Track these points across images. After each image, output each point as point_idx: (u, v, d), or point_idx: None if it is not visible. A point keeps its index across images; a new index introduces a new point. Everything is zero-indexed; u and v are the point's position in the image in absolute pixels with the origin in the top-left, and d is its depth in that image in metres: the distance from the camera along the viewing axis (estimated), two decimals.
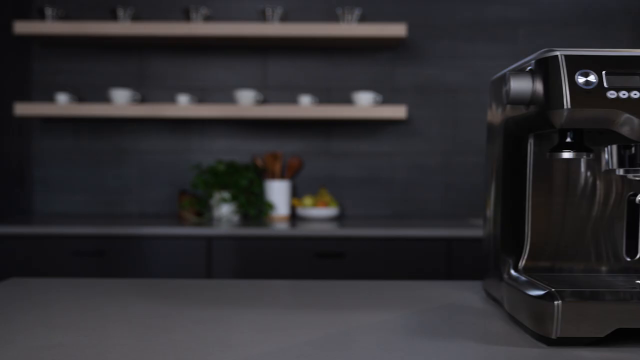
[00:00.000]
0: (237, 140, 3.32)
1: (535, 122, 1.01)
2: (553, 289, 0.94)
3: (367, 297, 1.28)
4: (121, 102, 3.06)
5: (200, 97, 3.28)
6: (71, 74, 3.27)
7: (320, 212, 3.13)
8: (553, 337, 0.93)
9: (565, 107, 0.94)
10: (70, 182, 3.29)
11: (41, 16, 3.05)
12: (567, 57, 0.97)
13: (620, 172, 1.03)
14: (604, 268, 1.11)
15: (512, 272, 1.10)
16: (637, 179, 1.04)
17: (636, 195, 1.08)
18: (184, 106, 3.05)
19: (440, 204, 3.32)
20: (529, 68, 1.01)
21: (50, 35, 3.04)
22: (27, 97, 3.25)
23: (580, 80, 0.95)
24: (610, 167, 1.04)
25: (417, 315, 1.13)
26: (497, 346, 0.94)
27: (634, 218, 1.11)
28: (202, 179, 3.05)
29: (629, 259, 1.11)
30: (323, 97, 3.29)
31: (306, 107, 3.05)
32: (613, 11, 3.29)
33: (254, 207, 3.10)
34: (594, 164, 1.12)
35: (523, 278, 1.05)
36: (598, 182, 1.12)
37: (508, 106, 1.12)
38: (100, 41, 3.18)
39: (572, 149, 1.00)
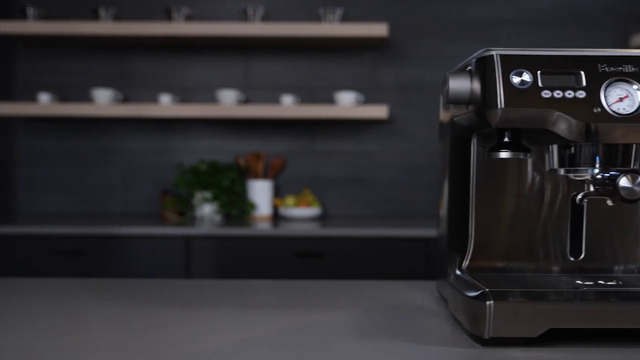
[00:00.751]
0: (220, 140, 3.32)
1: (475, 121, 1.01)
2: (487, 290, 0.94)
3: (323, 297, 1.28)
4: (103, 102, 3.06)
5: (184, 96, 3.28)
6: (54, 74, 3.27)
7: (302, 212, 3.13)
8: (486, 337, 0.92)
9: (499, 106, 0.94)
10: (53, 182, 3.29)
11: (23, 16, 3.05)
12: (503, 57, 0.96)
13: (562, 172, 1.03)
14: (552, 268, 1.11)
15: (457, 272, 1.10)
16: (578, 179, 1.04)
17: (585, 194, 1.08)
18: (166, 106, 3.05)
19: (423, 203, 3.32)
20: (469, 68, 1.01)
21: (33, 35, 3.05)
22: (10, 97, 3.25)
23: (515, 79, 0.95)
24: (552, 167, 1.04)
25: (364, 315, 1.13)
26: (432, 346, 0.94)
27: (578, 218, 1.10)
28: (184, 179, 3.05)
29: (572, 259, 1.11)
30: (306, 97, 3.29)
31: (289, 107, 3.05)
32: (596, 11, 3.29)
33: (236, 207, 3.10)
34: (541, 164, 1.12)
35: (464, 278, 1.05)
36: (545, 182, 1.12)
37: (452, 105, 1.12)
38: (82, 41, 3.18)
39: (509, 149, 1.00)
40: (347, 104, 3.10)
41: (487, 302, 0.92)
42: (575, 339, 0.97)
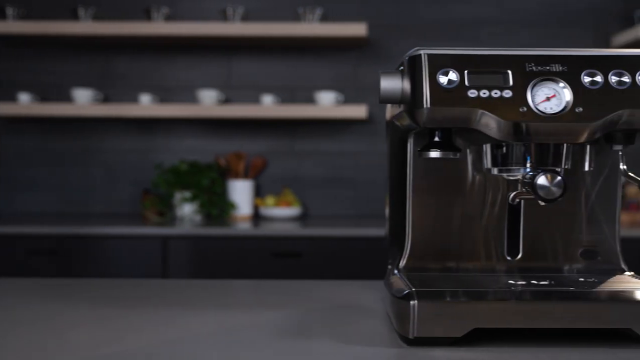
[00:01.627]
0: (201, 139, 3.32)
1: (409, 121, 1.01)
2: (412, 289, 0.94)
3: (270, 297, 1.28)
4: (83, 101, 3.07)
5: (165, 96, 3.28)
6: (34, 74, 3.27)
7: (282, 211, 3.13)
8: (410, 337, 0.92)
9: (424, 106, 0.94)
10: (34, 181, 3.30)
11: (2, 16, 3.06)
12: (430, 56, 0.96)
13: (495, 171, 1.03)
14: (490, 268, 1.11)
15: (395, 272, 1.10)
16: (512, 178, 1.03)
17: (516, 194, 1.08)
18: (146, 106, 3.05)
19: None
20: (401, 67, 1.01)
21: (13, 35, 3.05)
22: None
23: (442, 79, 0.95)
24: (486, 166, 1.04)
25: (302, 315, 1.12)
26: (356, 346, 0.94)
27: (515, 218, 1.10)
28: (163, 179, 3.05)
29: (509, 258, 1.10)
30: (287, 97, 3.28)
31: (269, 107, 3.05)
32: (579, 11, 3.28)
33: (216, 206, 3.10)
34: (480, 164, 1.11)
35: (398, 278, 1.05)
36: (484, 182, 1.11)
37: (390, 105, 1.12)
38: (62, 41, 3.18)
39: (439, 148, 1.00)
40: (327, 103, 3.10)
41: (411, 302, 0.92)
42: (505, 339, 0.96)
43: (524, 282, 1.01)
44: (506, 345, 0.94)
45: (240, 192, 3.14)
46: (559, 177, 0.85)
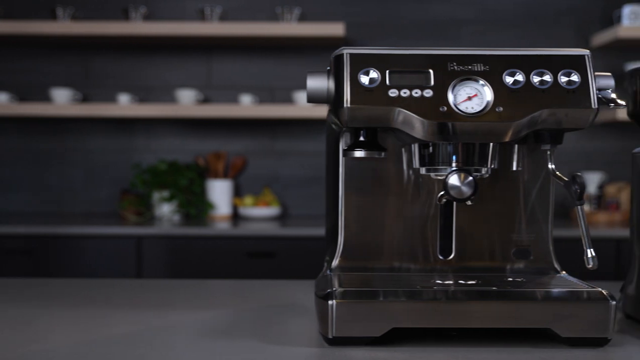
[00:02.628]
0: (181, 139, 3.32)
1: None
2: (332, 289, 0.94)
3: (209, 296, 1.28)
4: (62, 101, 3.07)
5: (145, 96, 3.28)
6: (13, 73, 3.28)
7: (261, 211, 3.13)
8: (330, 336, 0.92)
9: (345, 105, 0.94)
10: (13, 181, 3.30)
11: None
12: (352, 56, 0.96)
13: (423, 171, 1.03)
14: (423, 268, 1.10)
15: (327, 271, 1.09)
16: (439, 178, 1.03)
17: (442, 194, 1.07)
18: (125, 106, 3.06)
19: None
20: (328, 67, 1.01)
21: None
22: None
23: (363, 78, 0.95)
24: (415, 166, 1.04)
25: (237, 314, 1.12)
26: (280, 346, 0.94)
27: (447, 217, 1.10)
28: (141, 178, 3.06)
29: (442, 257, 1.10)
30: (267, 97, 3.28)
31: (248, 106, 3.05)
32: (559, 11, 3.28)
33: (194, 206, 3.10)
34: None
35: (327, 277, 1.05)
36: (419, 181, 1.11)
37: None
38: (41, 41, 3.19)
39: (364, 148, 1.00)
40: (306, 103, 3.10)
41: (330, 302, 0.92)
42: (429, 339, 0.96)
43: (451, 282, 1.01)
44: (427, 345, 0.93)
45: (219, 191, 3.15)
46: (470, 177, 0.85)
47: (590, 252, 0.96)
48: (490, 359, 0.88)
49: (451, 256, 1.10)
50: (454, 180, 0.86)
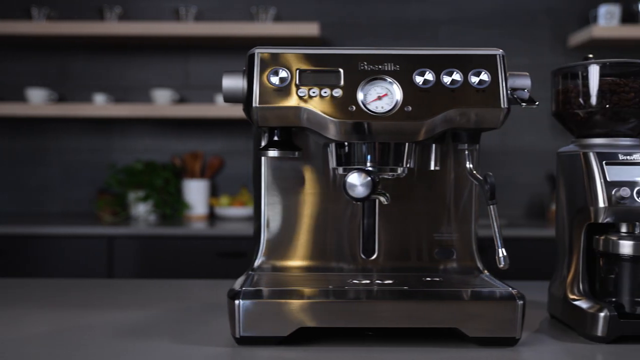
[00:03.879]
0: (158, 139, 3.32)
1: None
2: (240, 289, 0.94)
3: (143, 296, 1.28)
4: (37, 101, 3.07)
5: (123, 96, 3.28)
6: None
7: (236, 211, 3.13)
8: (237, 336, 0.92)
9: (253, 105, 0.94)
10: None
11: None
12: (263, 55, 0.96)
13: (340, 170, 1.03)
14: (346, 267, 1.10)
15: (249, 271, 1.09)
16: None
17: None
18: (100, 106, 3.06)
19: None
20: (244, 67, 1.01)
21: None
22: None
23: (272, 78, 0.95)
24: (331, 166, 1.04)
25: (159, 314, 1.13)
26: (191, 345, 0.94)
27: (369, 217, 1.10)
28: (117, 178, 3.06)
29: (364, 257, 1.10)
30: None
31: (224, 106, 3.05)
32: (534, 11, 3.27)
33: (169, 206, 3.10)
34: None
35: (244, 277, 1.04)
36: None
37: None
38: (16, 40, 3.19)
39: (278, 147, 1.00)
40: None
41: (236, 302, 0.92)
42: (339, 339, 0.96)
43: (368, 282, 1.01)
44: (338, 345, 0.93)
45: (196, 191, 3.14)
46: (369, 178, 0.84)
47: (502, 252, 0.96)
48: (393, 358, 0.88)
49: (374, 256, 1.10)
50: (352, 179, 0.86)
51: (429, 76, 0.95)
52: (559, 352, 0.92)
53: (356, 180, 0.85)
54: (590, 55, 1.08)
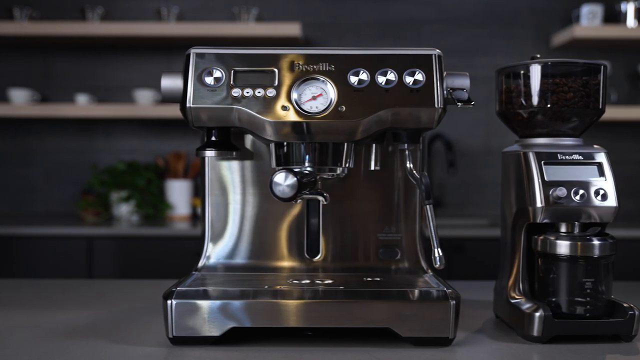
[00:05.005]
0: (142, 140, 3.32)
1: None
2: (175, 288, 0.94)
3: (94, 296, 1.28)
4: (20, 101, 3.08)
5: (105, 96, 3.28)
6: None
7: None
8: (170, 336, 0.92)
9: (187, 105, 0.94)
10: None
11: None
12: (198, 55, 0.97)
13: None
14: (290, 267, 1.10)
15: (193, 272, 1.09)
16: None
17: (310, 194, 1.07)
18: (83, 106, 3.06)
19: None
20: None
21: None
22: None
23: (207, 78, 0.95)
24: (272, 166, 1.04)
25: (107, 314, 1.13)
26: (125, 346, 0.94)
27: (313, 217, 1.10)
28: (99, 179, 3.06)
29: (309, 257, 1.10)
30: None
31: None
32: (518, 10, 3.27)
33: (152, 206, 3.10)
34: None
35: (186, 278, 1.04)
36: None
37: None
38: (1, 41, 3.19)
39: (215, 147, 1.00)
40: None
41: (168, 302, 0.92)
42: (279, 339, 0.96)
43: (308, 282, 1.01)
44: (272, 345, 0.93)
45: (178, 192, 3.15)
46: (294, 179, 0.84)
47: (438, 252, 0.96)
48: (321, 358, 0.88)
49: (319, 256, 1.10)
50: (278, 179, 0.86)
51: (364, 76, 0.95)
52: (493, 352, 0.92)
53: (282, 180, 0.85)
54: (538, 55, 1.08)
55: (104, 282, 1.44)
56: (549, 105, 1.02)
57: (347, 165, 1.00)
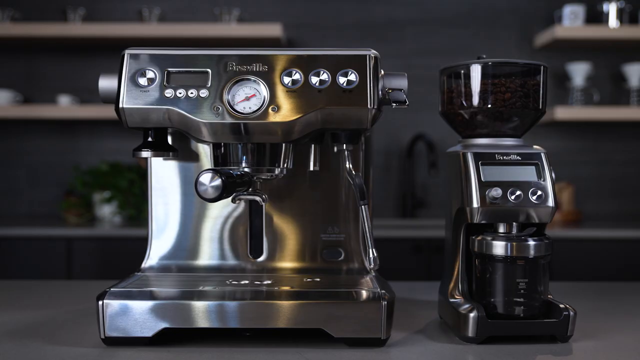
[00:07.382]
0: (126, 141, 3.32)
1: None
2: (109, 289, 0.94)
3: (43, 297, 1.28)
4: (2, 103, 3.08)
5: (89, 98, 3.28)
6: None
7: None
8: (102, 337, 0.92)
9: (120, 105, 0.94)
10: None
11: None
12: (132, 56, 0.97)
13: None
14: (233, 268, 1.10)
15: (136, 272, 1.09)
16: None
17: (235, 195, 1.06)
18: (65, 107, 3.07)
19: None
20: None
21: None
22: None
23: (140, 79, 0.95)
24: (210, 166, 1.03)
25: (52, 315, 1.13)
26: (60, 347, 0.94)
27: (256, 217, 1.10)
28: (81, 180, 3.06)
29: (252, 258, 1.10)
30: None
31: None
32: (500, 10, 3.27)
33: (134, 207, 3.10)
34: None
35: (127, 279, 1.04)
36: None
37: None
38: None
39: (151, 148, 1.00)
40: None
41: (100, 302, 0.92)
42: (216, 340, 0.96)
43: (246, 282, 1.01)
44: (203, 346, 0.93)
45: None
46: (219, 180, 0.84)
47: (372, 253, 0.96)
48: (254, 358, 0.88)
49: (262, 256, 1.10)
50: (203, 179, 0.85)
51: (297, 76, 0.95)
52: (425, 353, 0.92)
53: (206, 181, 0.85)
54: (484, 55, 1.07)
55: (58, 283, 1.44)
56: (488, 106, 1.02)
57: (285, 165, 1.00)
